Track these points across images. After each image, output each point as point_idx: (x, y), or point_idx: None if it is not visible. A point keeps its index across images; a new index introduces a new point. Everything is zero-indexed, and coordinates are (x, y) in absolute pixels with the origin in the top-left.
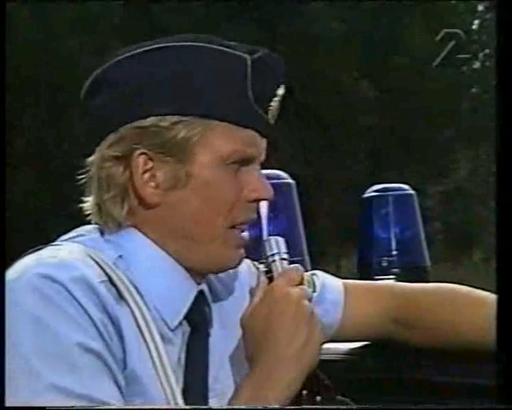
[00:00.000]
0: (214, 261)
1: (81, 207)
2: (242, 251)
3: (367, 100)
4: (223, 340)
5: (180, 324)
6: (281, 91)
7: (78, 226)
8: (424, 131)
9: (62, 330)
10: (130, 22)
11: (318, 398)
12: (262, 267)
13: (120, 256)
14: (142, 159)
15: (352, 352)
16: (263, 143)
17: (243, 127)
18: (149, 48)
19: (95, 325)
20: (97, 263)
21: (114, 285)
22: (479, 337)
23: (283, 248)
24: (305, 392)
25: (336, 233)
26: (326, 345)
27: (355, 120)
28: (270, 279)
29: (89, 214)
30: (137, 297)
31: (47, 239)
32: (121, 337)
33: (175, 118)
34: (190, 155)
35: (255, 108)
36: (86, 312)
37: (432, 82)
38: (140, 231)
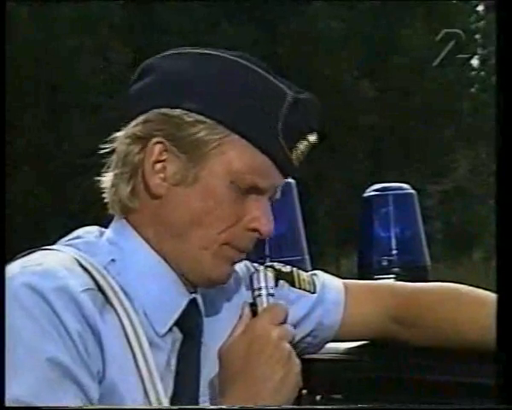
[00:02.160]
0: (203, 271)
1: (81, 207)
2: (232, 268)
3: (367, 99)
4: (216, 347)
5: (170, 330)
6: (312, 138)
7: (77, 226)
8: (424, 130)
9: (36, 344)
10: (130, 22)
11: (318, 397)
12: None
13: (113, 260)
14: (157, 148)
15: (351, 351)
16: (279, 180)
17: (262, 153)
18: (201, 51)
19: (70, 337)
20: (86, 269)
21: (102, 291)
22: (480, 336)
23: (271, 283)
24: (304, 391)
25: (336, 233)
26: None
27: (355, 120)
28: (254, 313)
29: (103, 192)
30: (126, 302)
31: (47, 239)
32: (101, 348)
33: (200, 117)
34: (203, 159)
35: (280, 140)
36: (63, 324)
37: (432, 82)
38: (137, 229)
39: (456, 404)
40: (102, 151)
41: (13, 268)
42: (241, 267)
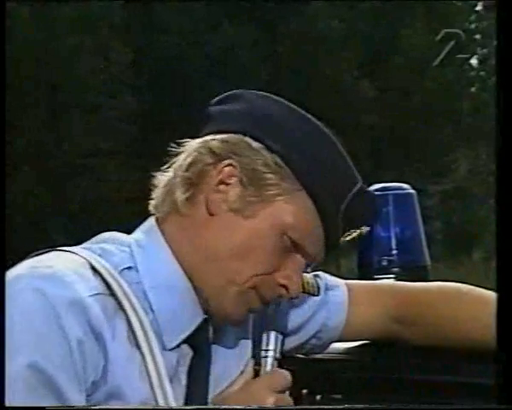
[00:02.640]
0: (222, 304)
1: (81, 207)
2: (247, 315)
3: (367, 99)
4: (224, 355)
5: (179, 346)
6: (364, 229)
7: (77, 226)
8: (424, 130)
9: (24, 347)
10: (131, 22)
11: (318, 397)
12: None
13: (129, 268)
14: (228, 170)
15: (351, 351)
16: (321, 254)
17: (321, 221)
18: (298, 109)
19: (67, 344)
20: (99, 273)
21: (114, 296)
22: (481, 335)
23: (280, 348)
24: (305, 391)
25: None
26: None
27: (355, 120)
28: (256, 372)
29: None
30: (139, 309)
31: (47, 239)
32: (105, 354)
33: (279, 160)
34: (267, 199)
35: (339, 219)
36: (62, 330)
37: (431, 81)
38: (169, 239)
39: (456, 404)
40: (170, 151)
41: (21, 268)
42: None
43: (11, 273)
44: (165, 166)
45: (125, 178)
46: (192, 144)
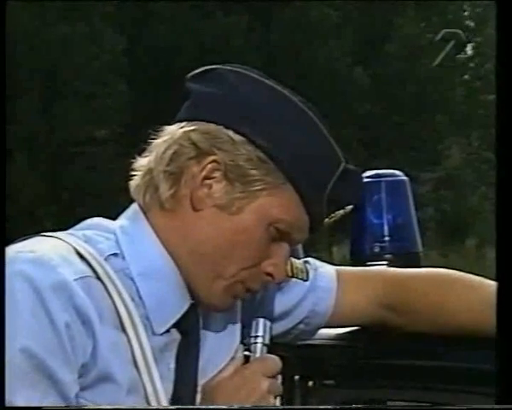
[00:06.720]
0: (210, 297)
1: (74, 195)
2: (233, 303)
3: (360, 87)
4: (212, 338)
5: (168, 331)
6: (349, 208)
7: (70, 214)
8: (417, 117)
9: (13, 333)
10: (124, 10)
11: (310, 383)
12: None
13: (115, 254)
14: (211, 166)
15: (343, 337)
16: (306, 236)
17: (305, 209)
18: (277, 87)
19: (54, 328)
20: (83, 257)
21: (100, 279)
22: (472, 322)
23: (268, 334)
24: (297, 377)
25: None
26: None
27: (348, 108)
28: (246, 359)
29: (132, 175)
30: (125, 295)
31: (40, 227)
32: (93, 336)
33: (263, 156)
34: (252, 195)
35: (324, 204)
36: (48, 314)
37: (425, 69)
38: (156, 228)
39: (448, 390)
40: (149, 139)
41: (7, 254)
42: None
43: None
44: (145, 153)
45: (119, 167)
46: (172, 132)
